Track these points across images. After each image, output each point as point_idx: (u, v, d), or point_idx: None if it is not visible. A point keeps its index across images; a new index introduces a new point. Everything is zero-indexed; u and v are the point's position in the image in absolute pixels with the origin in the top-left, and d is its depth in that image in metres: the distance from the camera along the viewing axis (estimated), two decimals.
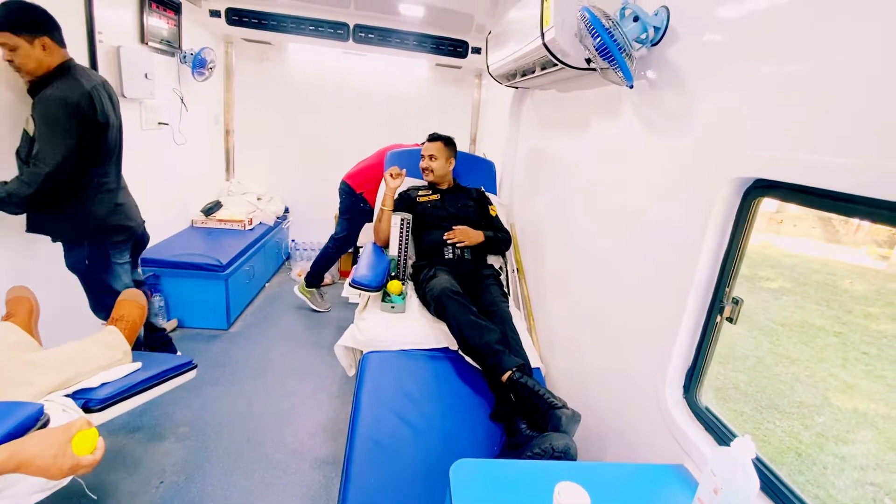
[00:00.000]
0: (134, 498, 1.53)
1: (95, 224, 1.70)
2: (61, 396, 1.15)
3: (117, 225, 1.76)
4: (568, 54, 1.43)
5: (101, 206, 1.70)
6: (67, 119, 1.50)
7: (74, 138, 1.53)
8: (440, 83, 3.79)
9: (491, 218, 2.31)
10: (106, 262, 1.75)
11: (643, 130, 1.35)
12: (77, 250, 1.71)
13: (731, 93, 1.00)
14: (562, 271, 1.89)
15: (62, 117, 1.50)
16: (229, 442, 1.82)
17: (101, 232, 1.72)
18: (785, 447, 2.49)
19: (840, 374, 3.18)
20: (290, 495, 1.60)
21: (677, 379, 1.10)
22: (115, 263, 1.78)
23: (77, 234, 1.70)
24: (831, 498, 2.14)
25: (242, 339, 2.63)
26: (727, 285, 1.00)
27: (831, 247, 4.80)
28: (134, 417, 1.87)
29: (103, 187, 1.70)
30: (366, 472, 1.21)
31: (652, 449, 1.17)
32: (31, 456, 0.76)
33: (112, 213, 1.73)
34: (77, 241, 1.71)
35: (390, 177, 2.21)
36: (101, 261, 1.74)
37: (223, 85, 3.52)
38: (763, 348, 3.47)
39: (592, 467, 1.03)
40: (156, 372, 1.43)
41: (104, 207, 1.70)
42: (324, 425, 1.98)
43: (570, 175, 1.91)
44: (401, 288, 2.01)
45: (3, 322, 1.34)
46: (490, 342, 1.56)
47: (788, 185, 0.85)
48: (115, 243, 1.77)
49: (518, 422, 1.38)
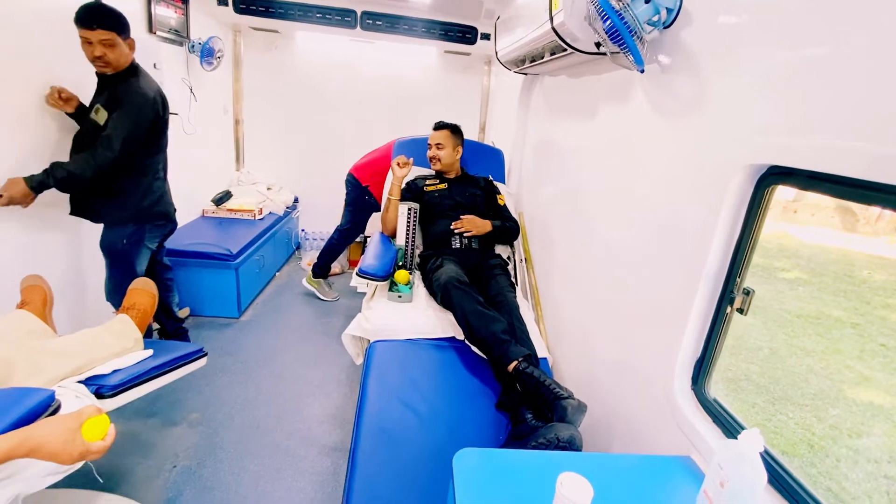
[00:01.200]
0: (148, 482, 1.57)
1: (145, 209, 1.86)
2: (74, 383, 1.18)
3: (162, 211, 1.93)
4: (577, 38, 1.39)
5: (153, 194, 1.88)
6: (145, 111, 1.71)
7: (144, 130, 1.72)
8: (449, 70, 3.74)
9: (499, 207, 2.29)
10: (139, 244, 1.89)
11: (654, 116, 1.31)
12: (119, 229, 1.84)
13: (745, 77, 0.97)
14: (570, 261, 1.87)
15: (141, 109, 1.70)
16: (240, 428, 1.85)
17: (147, 216, 1.88)
18: (797, 439, 2.45)
19: (856, 366, 3.12)
20: (299, 480, 1.63)
21: (686, 370, 1.08)
22: (145, 247, 1.92)
23: (126, 217, 1.84)
24: (844, 490, 2.11)
25: (253, 327, 2.66)
26: (738, 276, 0.97)
27: (850, 236, 4.69)
28: (147, 404, 1.91)
29: (156, 176, 1.90)
30: (372, 459, 1.23)
31: (658, 441, 1.15)
32: (42, 441, 0.78)
33: (160, 200, 1.92)
34: (123, 223, 1.84)
35: (397, 166, 2.20)
36: (136, 242, 1.88)
37: (231, 75, 3.51)
38: (777, 339, 3.41)
39: (597, 458, 1.02)
40: (167, 359, 1.45)
41: (155, 195, 1.89)
42: (332, 413, 2.00)
43: (579, 163, 1.87)
44: (408, 277, 2.01)
45: (17, 310, 1.37)
46: (496, 332, 1.55)
47: (805, 173, 0.82)
48: (156, 226, 1.94)
49: (524, 412, 1.38)
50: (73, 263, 1.96)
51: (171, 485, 1.57)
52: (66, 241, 1.86)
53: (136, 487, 1.54)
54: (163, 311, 2.11)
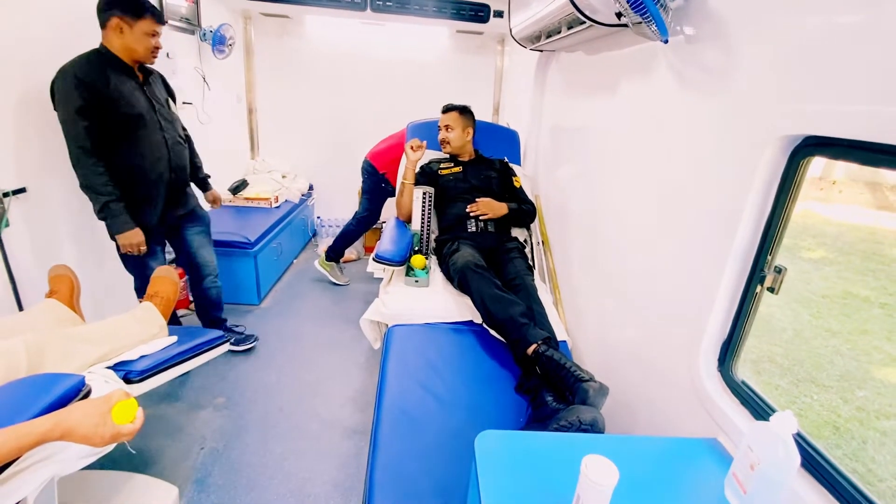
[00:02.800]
0: (178, 462, 1.62)
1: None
2: (103, 368, 1.21)
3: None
4: (597, 10, 1.33)
5: None
6: None
7: None
8: (462, 51, 3.66)
9: (515, 189, 2.25)
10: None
11: (679, 90, 1.26)
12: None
13: (777, 45, 0.91)
14: (589, 242, 1.83)
15: None
16: (263, 411, 1.90)
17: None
18: (822, 421, 2.41)
19: (884, 346, 3.03)
20: (322, 462, 1.66)
21: (712, 351, 1.06)
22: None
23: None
24: (870, 472, 2.06)
25: (273, 313, 2.70)
26: (770, 253, 0.93)
27: (880, 213, 4.51)
28: (174, 388, 1.96)
29: None
30: (393, 441, 1.24)
31: (683, 423, 1.14)
32: (75, 425, 0.80)
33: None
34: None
35: (410, 149, 2.17)
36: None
37: (244, 63, 3.50)
38: (802, 321, 3.33)
39: (621, 440, 1.01)
40: (191, 345, 1.48)
41: None
42: (352, 396, 2.03)
43: (598, 142, 1.82)
44: (424, 262, 2.00)
45: (46, 299, 1.41)
46: (515, 315, 1.54)
47: (843, 142, 0.77)
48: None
49: (544, 394, 1.37)
50: (96, 255, 2.00)
51: (199, 465, 1.61)
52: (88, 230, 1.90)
53: (167, 468, 1.59)
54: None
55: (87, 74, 1.55)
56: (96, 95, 1.57)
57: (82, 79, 1.54)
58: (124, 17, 1.60)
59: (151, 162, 1.75)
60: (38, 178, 1.68)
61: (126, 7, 1.59)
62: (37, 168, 1.67)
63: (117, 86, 1.63)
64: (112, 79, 1.62)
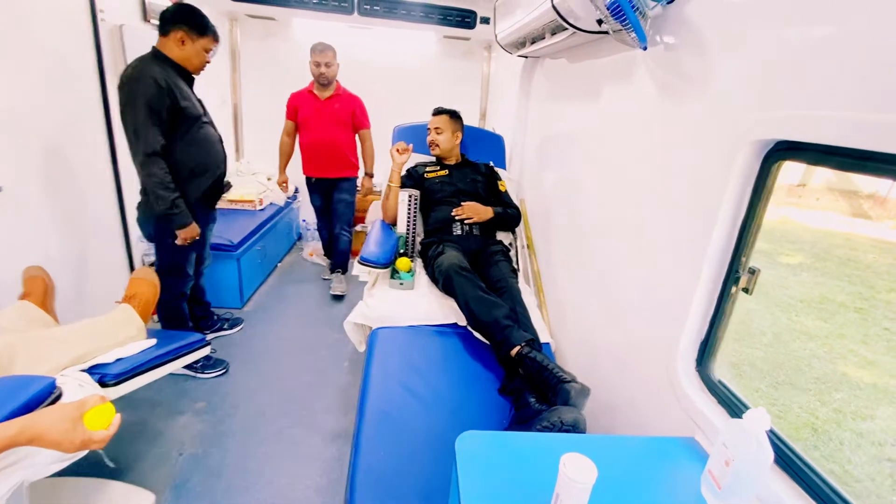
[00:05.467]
0: (156, 469, 1.58)
1: None
2: (77, 371, 1.18)
3: None
4: (578, 16, 1.36)
5: None
6: None
7: None
8: (448, 56, 3.69)
9: (500, 193, 2.27)
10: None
11: (658, 96, 1.29)
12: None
13: (751, 53, 0.94)
14: (572, 245, 1.85)
15: None
16: (244, 416, 1.87)
17: None
18: (801, 423, 2.46)
19: (860, 350, 3.11)
20: (303, 467, 1.64)
21: (690, 351, 1.07)
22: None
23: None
24: (847, 473, 2.11)
25: (256, 317, 2.66)
26: (744, 254, 0.96)
27: (855, 221, 4.65)
28: (153, 392, 1.92)
29: None
30: (375, 444, 1.23)
31: (661, 423, 1.15)
32: (43, 430, 0.78)
33: None
34: None
35: (396, 152, 2.18)
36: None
37: (229, 65, 3.48)
38: (780, 325, 3.40)
39: (601, 440, 1.02)
40: (169, 348, 1.46)
41: None
42: (335, 400, 2.01)
43: (580, 147, 1.85)
44: (409, 265, 2.00)
45: (20, 301, 1.37)
46: (499, 318, 1.55)
47: (812, 146, 0.80)
48: None
49: (527, 396, 1.37)
50: (72, 253, 1.96)
51: (178, 471, 1.58)
52: (67, 231, 1.86)
53: (144, 474, 1.55)
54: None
55: (163, 78, 1.66)
56: (173, 98, 1.69)
57: (160, 82, 1.64)
58: (190, 33, 1.75)
59: (215, 159, 1.91)
60: (12, 178, 1.64)
61: (193, 24, 1.75)
62: (12, 167, 1.64)
63: (183, 88, 1.77)
64: (179, 82, 1.75)
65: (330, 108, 2.78)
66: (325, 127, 2.79)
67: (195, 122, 1.80)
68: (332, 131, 2.80)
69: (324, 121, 2.78)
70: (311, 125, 2.80)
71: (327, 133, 2.80)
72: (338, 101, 2.80)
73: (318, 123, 2.79)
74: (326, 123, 2.79)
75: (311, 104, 2.79)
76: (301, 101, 2.81)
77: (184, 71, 1.80)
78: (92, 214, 2.06)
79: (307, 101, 2.79)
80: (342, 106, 2.81)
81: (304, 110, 2.79)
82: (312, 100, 2.79)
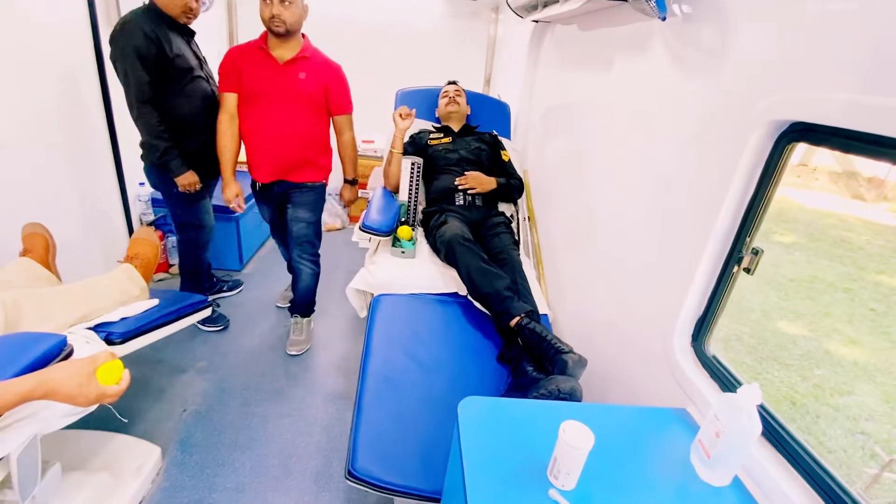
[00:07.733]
0: (160, 423, 1.63)
1: None
2: (83, 329, 1.19)
3: None
4: None
5: None
6: None
7: None
8: (454, 17, 3.55)
9: (504, 163, 2.24)
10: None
11: (673, 70, 1.26)
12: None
13: (772, 29, 0.92)
14: (574, 219, 1.85)
15: None
16: (246, 376, 1.91)
17: None
18: (781, 396, 2.56)
19: (845, 329, 3.20)
20: (305, 425, 1.70)
21: (687, 327, 1.10)
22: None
23: None
24: (821, 444, 2.22)
25: (255, 279, 2.68)
26: (748, 235, 0.97)
27: (853, 203, 4.67)
28: (156, 351, 1.95)
29: None
30: (377, 406, 1.27)
31: (655, 394, 1.19)
32: (58, 385, 0.80)
33: None
34: None
35: (399, 117, 2.12)
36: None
37: (225, 26, 3.34)
38: (770, 302, 3.48)
39: (597, 408, 1.06)
40: (173, 308, 1.47)
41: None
42: (336, 363, 2.06)
43: (589, 119, 1.82)
44: (411, 234, 2.00)
45: (21, 258, 1.37)
46: (499, 289, 1.57)
47: (827, 129, 0.79)
48: None
49: (524, 364, 1.41)
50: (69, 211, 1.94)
51: (182, 427, 1.63)
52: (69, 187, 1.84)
53: (149, 429, 1.60)
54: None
55: (151, 29, 1.63)
56: (160, 48, 1.65)
57: (147, 33, 1.61)
58: None
59: (205, 112, 1.86)
60: (8, 134, 1.60)
61: None
62: (7, 124, 1.59)
63: (173, 40, 1.72)
64: (169, 34, 1.71)
65: (290, 76, 1.80)
66: (282, 104, 1.81)
67: (187, 75, 1.77)
68: (292, 111, 1.82)
69: (280, 94, 1.80)
70: (260, 100, 1.80)
71: (283, 112, 1.81)
72: (304, 66, 1.82)
73: (269, 98, 1.80)
74: (284, 99, 1.80)
75: (260, 67, 1.78)
76: (246, 60, 1.78)
77: (178, 25, 1.75)
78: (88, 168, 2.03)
79: (255, 61, 1.78)
80: (311, 75, 1.82)
81: (250, 76, 1.78)
82: (263, 59, 1.78)
